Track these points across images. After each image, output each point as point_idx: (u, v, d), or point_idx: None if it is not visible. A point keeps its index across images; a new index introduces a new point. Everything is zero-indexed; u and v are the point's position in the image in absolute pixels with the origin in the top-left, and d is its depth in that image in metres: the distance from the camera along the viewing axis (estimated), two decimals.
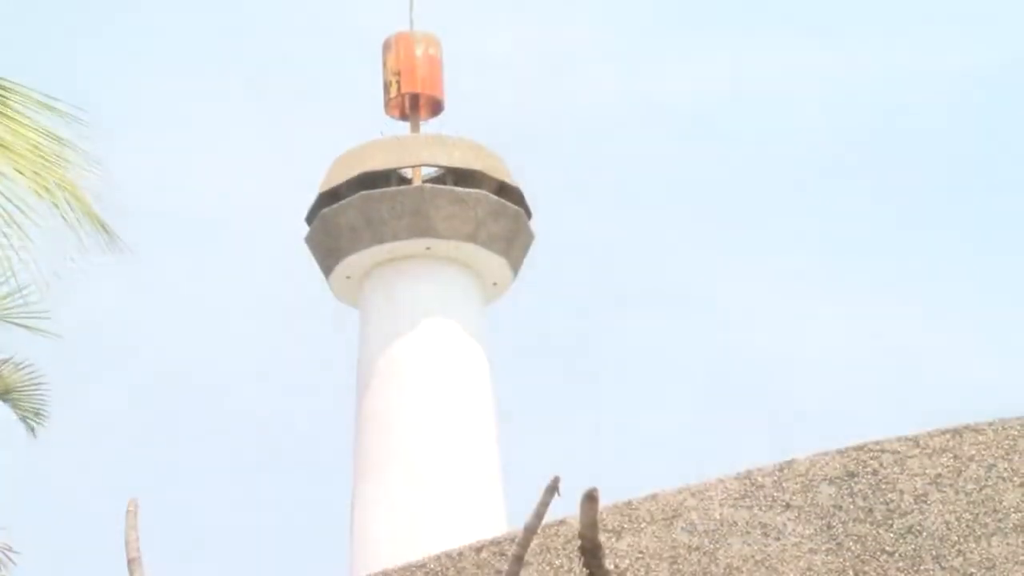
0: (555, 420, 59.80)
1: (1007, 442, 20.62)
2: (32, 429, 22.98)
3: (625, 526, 19.15)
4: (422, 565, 21.25)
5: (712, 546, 19.78)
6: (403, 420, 37.83)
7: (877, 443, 20.29)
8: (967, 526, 19.96)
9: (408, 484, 36.72)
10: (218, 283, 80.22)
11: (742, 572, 19.78)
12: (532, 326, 62.30)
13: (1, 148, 11.61)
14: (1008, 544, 19.84)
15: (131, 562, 20.74)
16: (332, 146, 38.39)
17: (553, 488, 15.98)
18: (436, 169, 37.96)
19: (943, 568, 19.77)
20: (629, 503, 19.55)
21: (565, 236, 62.49)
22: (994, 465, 20.47)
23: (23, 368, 22.85)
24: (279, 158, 78.26)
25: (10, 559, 24.27)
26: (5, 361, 22.67)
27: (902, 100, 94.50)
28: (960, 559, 19.71)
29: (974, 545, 19.81)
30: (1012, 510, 20.15)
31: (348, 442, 39.01)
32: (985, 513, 20.07)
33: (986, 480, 20.28)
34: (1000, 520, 20.12)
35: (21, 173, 11.74)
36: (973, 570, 19.71)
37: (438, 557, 21.32)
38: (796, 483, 20.06)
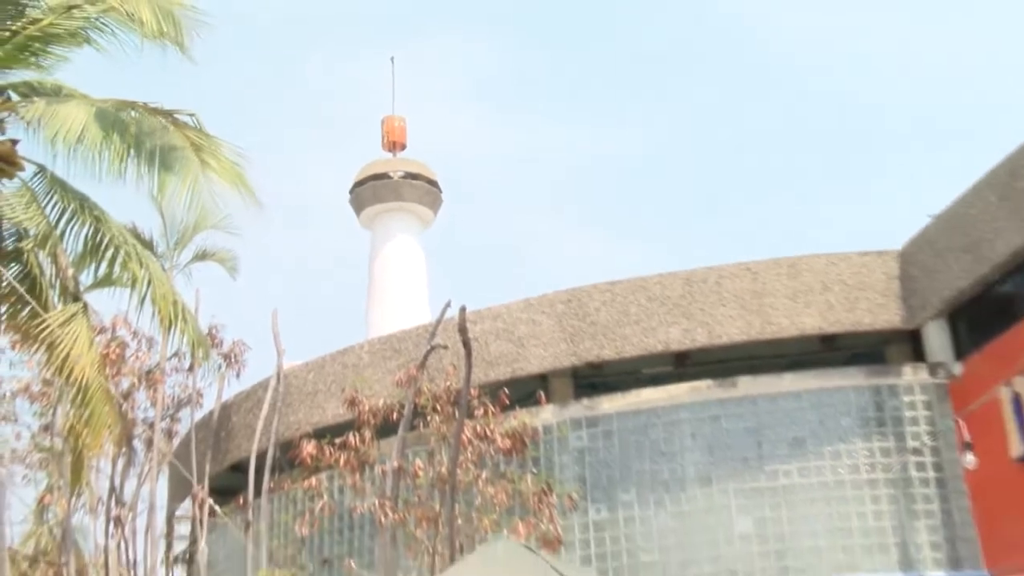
0: (449, 280, 60.23)
1: (634, 291, 19.02)
2: (232, 275, 22.81)
3: (476, 321, 18.16)
4: (393, 335, 21.10)
5: (511, 328, 19.14)
6: (389, 275, 36.91)
7: (581, 288, 19.25)
8: (618, 320, 18.59)
9: (390, 303, 35.85)
10: (314, 223, 79.12)
11: (527, 339, 18.96)
12: (439, 240, 64.10)
13: (218, 172, 13.14)
14: (641, 329, 18.54)
15: (276, 336, 21.95)
16: (359, 162, 37.59)
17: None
18: (403, 173, 37.53)
19: (609, 340, 18.65)
20: (478, 310, 18.65)
21: (455, 201, 63.66)
22: (626, 297, 18.90)
23: (229, 254, 22.64)
24: (338, 169, 77.43)
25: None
26: (228, 258, 22.15)
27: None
28: (615, 336, 18.59)
29: (628, 330, 18.56)
30: (635, 317, 18.90)
31: (365, 290, 38.39)
32: (628, 313, 18.61)
33: (624, 301, 18.79)
34: (632, 315, 18.80)
35: (231, 184, 13.20)
36: (617, 339, 18.62)
37: (396, 333, 21.21)
38: (547, 304, 19.22)
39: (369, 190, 36.21)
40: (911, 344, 18.13)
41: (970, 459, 16.03)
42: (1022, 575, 14.32)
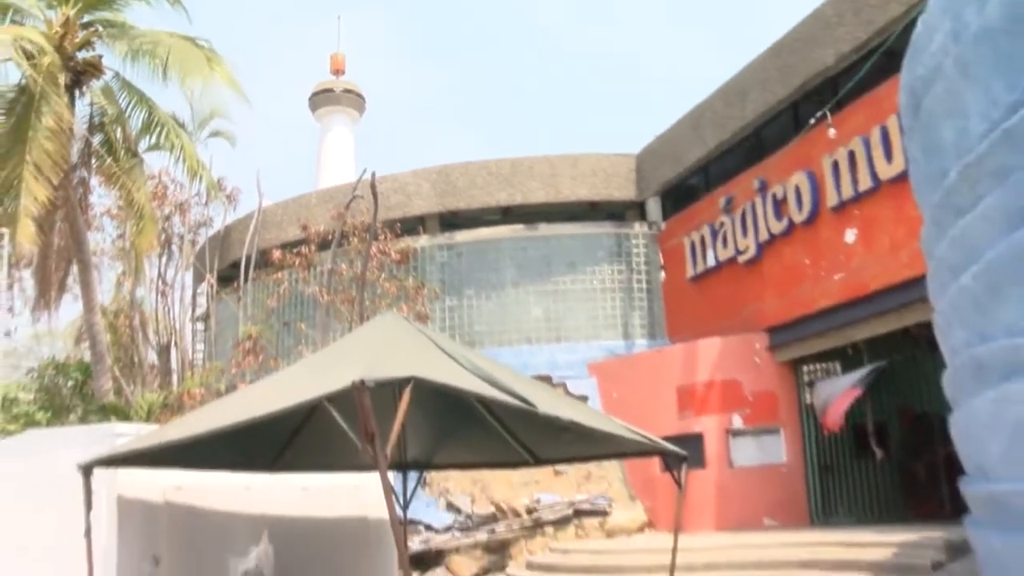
0: (367, 155, 59.58)
1: (479, 168, 18.81)
2: (232, 146, 21.86)
3: (382, 182, 17.53)
4: (331, 188, 20.70)
5: (403, 188, 19.04)
6: (332, 151, 34.06)
7: (448, 165, 19.18)
8: (469, 186, 18.72)
9: (330, 168, 33.32)
10: (282, 122, 77.98)
11: (413, 195, 18.76)
12: (363, 131, 63.48)
13: (224, 80, 14.85)
14: (483, 192, 18.56)
15: (258, 185, 22.60)
16: (314, 80, 35.90)
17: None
18: (342, 88, 36.35)
19: (463, 198, 18.67)
20: (384, 175, 18.09)
21: (372, 104, 62.40)
22: (475, 172, 18.60)
23: (230, 132, 21.87)
24: (301, 85, 74.89)
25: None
26: (229, 135, 21.80)
27: None
28: (467, 195, 18.55)
29: (475, 192, 18.53)
30: (480, 184, 18.56)
31: (315, 157, 38.21)
32: (476, 182, 18.37)
33: (473, 174, 18.64)
34: (478, 183, 18.60)
35: (232, 87, 15.20)
36: (468, 197, 18.58)
37: (332, 187, 20.72)
38: (426, 174, 18.87)
39: (321, 98, 36.77)
40: (639, 210, 18.88)
41: (662, 276, 17.63)
42: (687, 342, 15.50)
